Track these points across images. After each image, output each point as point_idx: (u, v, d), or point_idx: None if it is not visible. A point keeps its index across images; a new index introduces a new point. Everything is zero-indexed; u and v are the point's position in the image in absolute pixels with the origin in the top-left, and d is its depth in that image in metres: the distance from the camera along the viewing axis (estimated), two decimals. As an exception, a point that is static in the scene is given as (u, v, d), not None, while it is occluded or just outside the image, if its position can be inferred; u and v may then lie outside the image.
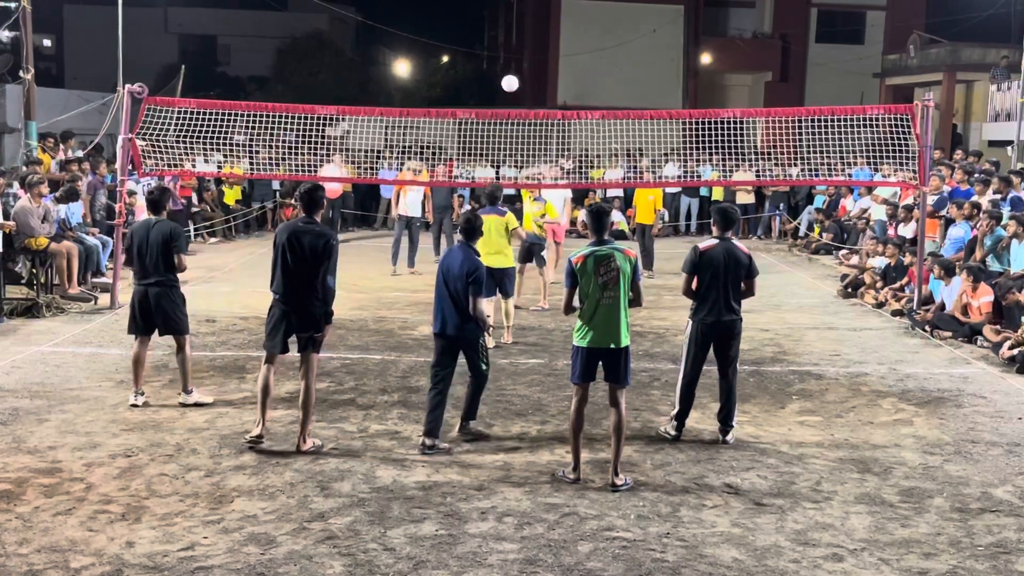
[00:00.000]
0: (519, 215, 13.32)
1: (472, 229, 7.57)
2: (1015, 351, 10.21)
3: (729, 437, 7.66)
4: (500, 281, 10.60)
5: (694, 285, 7.57)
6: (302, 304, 7.11)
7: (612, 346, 6.65)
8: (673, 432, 7.69)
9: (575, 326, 6.80)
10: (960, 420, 8.42)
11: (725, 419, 7.71)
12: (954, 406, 8.85)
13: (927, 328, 11.84)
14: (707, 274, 7.51)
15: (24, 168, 14.37)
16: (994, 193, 14.03)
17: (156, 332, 8.29)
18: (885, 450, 7.55)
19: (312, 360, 7.22)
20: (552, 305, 13.27)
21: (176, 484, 6.48)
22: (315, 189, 7.30)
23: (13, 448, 7.08)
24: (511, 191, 20.87)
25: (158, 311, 8.14)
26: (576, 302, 6.72)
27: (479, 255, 7.47)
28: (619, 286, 6.63)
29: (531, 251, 12.88)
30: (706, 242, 7.67)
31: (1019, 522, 6.21)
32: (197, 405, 8.21)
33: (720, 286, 7.50)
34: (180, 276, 8.27)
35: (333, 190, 20.36)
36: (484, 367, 7.50)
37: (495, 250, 10.33)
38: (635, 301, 6.83)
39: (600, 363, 6.71)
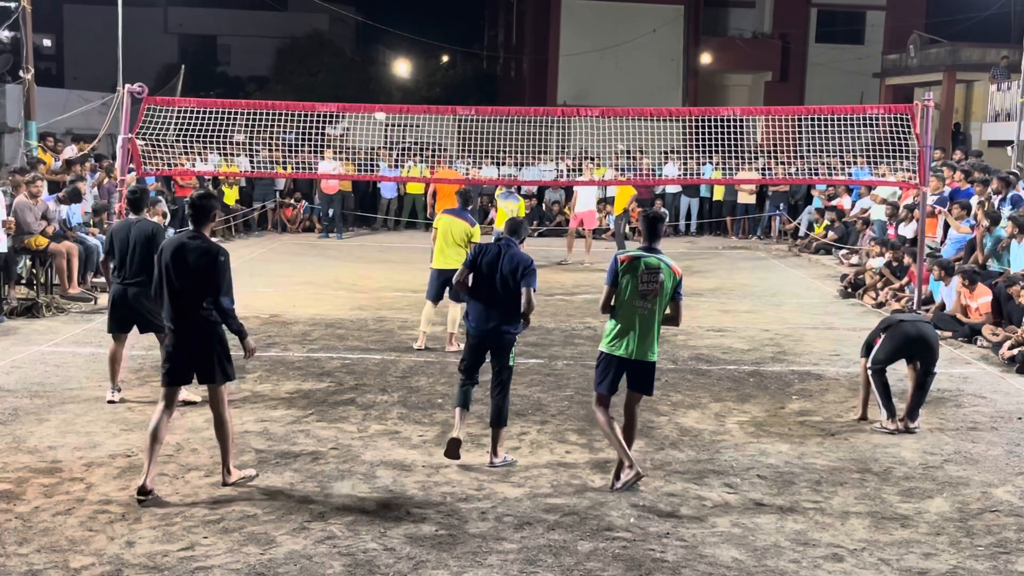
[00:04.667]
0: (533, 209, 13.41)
1: (518, 226, 7.18)
2: (1015, 351, 10.21)
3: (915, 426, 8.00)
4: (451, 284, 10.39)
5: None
6: (194, 330, 6.35)
7: (642, 360, 6.50)
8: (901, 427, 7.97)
9: (605, 330, 6.62)
10: (960, 420, 8.41)
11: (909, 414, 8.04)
12: (954, 406, 8.85)
13: (927, 328, 11.83)
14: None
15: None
16: (984, 195, 14.04)
17: (136, 329, 8.17)
18: (885, 450, 7.55)
19: (218, 392, 6.45)
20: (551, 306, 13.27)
21: (176, 484, 6.47)
22: (205, 197, 6.53)
23: (13, 448, 7.08)
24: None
25: (138, 309, 8.02)
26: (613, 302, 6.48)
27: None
28: (658, 300, 6.44)
29: None
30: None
31: (1019, 522, 6.21)
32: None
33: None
34: None
35: (329, 186, 20.35)
36: (511, 364, 7.07)
37: (452, 253, 9.91)
38: (673, 320, 6.62)
39: (625, 372, 6.56)
